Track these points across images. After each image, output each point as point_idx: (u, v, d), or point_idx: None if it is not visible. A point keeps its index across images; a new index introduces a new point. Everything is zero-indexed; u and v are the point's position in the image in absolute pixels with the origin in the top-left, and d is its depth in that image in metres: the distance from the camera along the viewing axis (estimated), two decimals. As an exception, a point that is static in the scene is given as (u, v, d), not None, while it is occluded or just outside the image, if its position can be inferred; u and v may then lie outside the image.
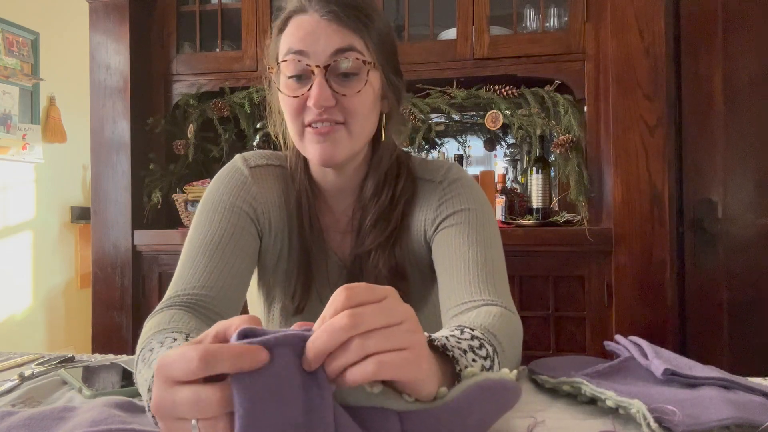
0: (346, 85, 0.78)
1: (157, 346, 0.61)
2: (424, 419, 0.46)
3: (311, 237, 0.88)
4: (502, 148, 2.50)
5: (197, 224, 0.85)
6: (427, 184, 0.90)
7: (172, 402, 0.40)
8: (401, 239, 0.89)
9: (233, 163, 0.92)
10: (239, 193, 0.87)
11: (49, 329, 3.34)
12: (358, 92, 0.78)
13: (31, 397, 0.68)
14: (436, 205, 0.88)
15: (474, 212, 0.86)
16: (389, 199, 0.88)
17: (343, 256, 0.91)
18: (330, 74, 0.77)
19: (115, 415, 0.56)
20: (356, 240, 0.89)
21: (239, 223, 0.85)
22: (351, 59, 0.77)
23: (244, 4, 2.10)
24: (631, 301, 1.75)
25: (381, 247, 0.86)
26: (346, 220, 0.92)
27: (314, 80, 0.77)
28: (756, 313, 1.90)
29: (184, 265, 0.82)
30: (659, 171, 1.75)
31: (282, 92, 0.80)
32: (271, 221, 0.89)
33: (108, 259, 2.06)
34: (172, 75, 2.18)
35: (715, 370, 0.64)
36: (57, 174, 3.39)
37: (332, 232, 0.92)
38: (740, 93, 1.92)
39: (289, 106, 0.80)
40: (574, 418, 0.59)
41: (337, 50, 0.77)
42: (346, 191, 0.91)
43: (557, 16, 2.03)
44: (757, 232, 1.92)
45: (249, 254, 0.86)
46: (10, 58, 3.09)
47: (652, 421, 0.53)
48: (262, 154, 0.94)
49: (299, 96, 0.78)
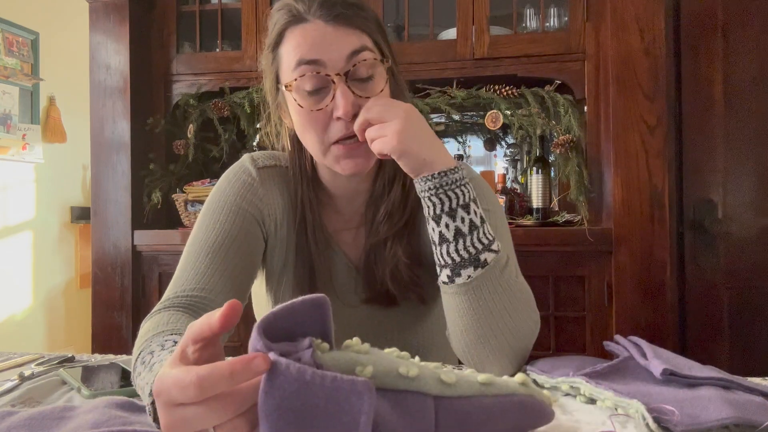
0: (367, 89, 0.76)
1: (158, 349, 0.61)
2: (457, 410, 0.47)
3: (319, 241, 0.87)
4: (502, 148, 2.49)
5: (201, 224, 0.84)
6: None
7: (183, 420, 0.40)
8: (418, 229, 0.88)
9: (241, 163, 0.90)
10: (246, 195, 0.86)
11: (49, 329, 3.34)
12: (381, 91, 0.77)
13: (30, 397, 0.68)
14: None
15: (487, 213, 0.85)
16: (400, 192, 0.87)
17: (354, 256, 0.90)
18: (350, 80, 0.75)
19: (116, 416, 0.56)
20: (370, 232, 0.88)
21: (244, 226, 0.84)
22: (369, 60, 0.75)
23: (244, 4, 2.10)
24: (631, 301, 1.75)
25: (397, 235, 0.86)
26: (357, 217, 0.91)
27: (335, 89, 0.74)
28: (756, 313, 1.90)
29: (185, 264, 0.80)
30: (659, 171, 1.75)
31: (302, 107, 0.76)
32: (277, 223, 0.88)
33: (108, 259, 2.06)
34: (172, 75, 2.18)
35: (715, 370, 0.64)
36: (57, 174, 3.39)
37: (342, 232, 0.90)
38: (740, 93, 1.92)
39: (312, 122, 0.76)
40: (573, 418, 0.59)
41: (352, 52, 0.74)
42: (357, 194, 0.89)
43: (557, 16, 2.03)
44: (757, 232, 1.92)
45: (252, 257, 0.84)
46: (10, 58, 3.09)
47: (650, 421, 0.53)
48: (271, 155, 0.92)
49: (322, 109, 0.75)
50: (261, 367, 0.38)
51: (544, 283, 1.81)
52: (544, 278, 1.81)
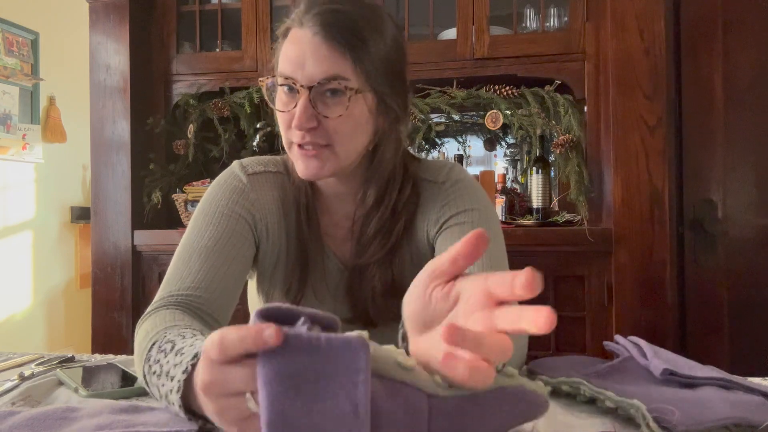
0: (330, 107, 0.77)
1: (179, 339, 0.61)
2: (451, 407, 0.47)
3: (309, 235, 0.88)
4: (502, 148, 2.49)
5: (193, 227, 0.86)
6: (429, 185, 0.90)
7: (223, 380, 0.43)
8: (401, 251, 0.89)
9: (231, 170, 0.92)
10: (237, 200, 0.88)
11: (49, 329, 3.34)
12: (340, 116, 0.77)
13: (29, 396, 0.68)
14: (439, 207, 0.88)
15: (477, 212, 0.86)
16: (391, 211, 0.87)
17: (343, 259, 0.91)
18: (315, 94, 0.77)
19: (119, 420, 0.56)
20: (356, 249, 0.89)
21: (237, 229, 0.85)
22: (336, 87, 0.77)
23: (244, 4, 2.10)
24: (631, 301, 1.75)
25: (380, 263, 0.87)
26: (347, 226, 0.91)
27: (298, 99, 0.77)
28: (756, 313, 1.90)
29: (177, 265, 0.82)
30: (659, 171, 1.75)
31: (275, 103, 0.82)
32: (268, 228, 0.89)
33: (108, 259, 2.06)
34: (172, 75, 2.17)
35: (715, 370, 0.64)
36: (57, 174, 3.39)
37: (332, 235, 0.92)
38: (740, 93, 1.92)
39: (281, 120, 0.82)
40: (573, 418, 0.59)
41: (322, 79, 0.76)
42: (347, 196, 0.90)
43: (557, 16, 2.03)
44: (757, 232, 1.92)
45: (243, 260, 0.86)
46: (10, 58, 3.09)
47: (651, 421, 0.53)
48: (260, 161, 0.94)
49: (287, 111, 0.80)
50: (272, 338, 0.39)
51: (544, 283, 1.81)
52: (543, 278, 1.81)
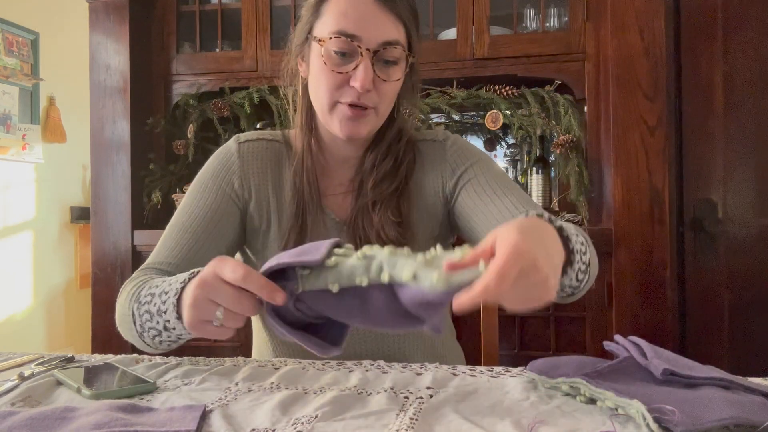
0: (387, 72, 0.84)
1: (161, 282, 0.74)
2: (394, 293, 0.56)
3: (309, 195, 0.91)
4: (502, 148, 2.49)
5: (184, 203, 0.93)
6: (429, 144, 0.96)
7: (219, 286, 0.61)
8: (409, 195, 0.92)
9: (226, 143, 0.98)
10: (220, 172, 0.94)
11: (49, 329, 3.34)
12: (397, 80, 0.84)
13: (29, 396, 0.67)
14: (449, 160, 0.93)
15: (483, 162, 0.94)
16: (392, 163, 0.92)
17: (342, 215, 0.94)
18: (376, 59, 0.82)
19: (118, 418, 0.56)
20: (358, 198, 0.92)
21: (221, 207, 0.91)
22: (398, 51, 0.83)
23: (244, 4, 2.10)
24: (631, 301, 1.75)
25: (386, 200, 0.90)
26: (346, 183, 0.95)
27: (360, 62, 0.81)
28: (756, 313, 1.90)
29: (162, 239, 0.90)
30: (659, 171, 1.75)
31: (326, 64, 0.83)
32: (252, 190, 0.93)
33: (108, 259, 2.06)
34: (172, 75, 2.18)
35: (715, 370, 0.64)
36: (57, 174, 3.39)
37: (331, 195, 0.95)
38: (740, 93, 1.92)
39: (327, 79, 0.83)
40: (573, 418, 0.59)
41: (385, 42, 0.81)
42: (351, 161, 0.94)
43: (557, 16, 2.02)
44: (757, 232, 1.91)
45: (227, 235, 0.92)
46: (10, 58, 3.09)
47: (651, 421, 0.53)
48: (258, 132, 0.99)
49: (342, 73, 0.82)
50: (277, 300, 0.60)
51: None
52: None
